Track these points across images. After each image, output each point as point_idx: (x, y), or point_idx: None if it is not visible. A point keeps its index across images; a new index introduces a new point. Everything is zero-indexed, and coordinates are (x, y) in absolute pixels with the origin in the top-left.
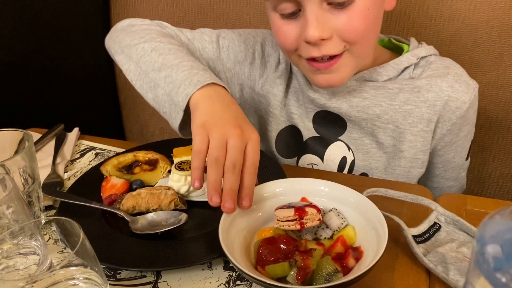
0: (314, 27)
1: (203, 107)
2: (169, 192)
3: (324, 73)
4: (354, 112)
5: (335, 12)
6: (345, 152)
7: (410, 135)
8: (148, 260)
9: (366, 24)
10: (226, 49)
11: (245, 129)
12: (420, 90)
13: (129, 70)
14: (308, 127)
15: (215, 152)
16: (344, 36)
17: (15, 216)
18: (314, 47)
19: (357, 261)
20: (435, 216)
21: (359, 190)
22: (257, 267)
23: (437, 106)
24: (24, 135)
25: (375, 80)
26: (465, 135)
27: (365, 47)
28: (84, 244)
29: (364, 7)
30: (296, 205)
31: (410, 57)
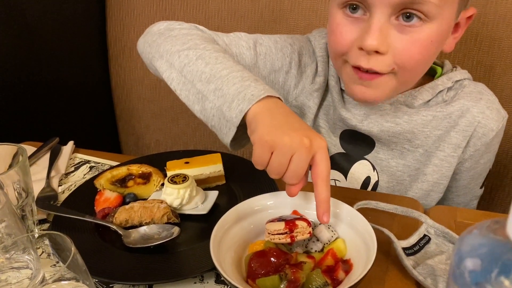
0: (375, 37)
1: (263, 120)
2: (162, 205)
3: (363, 85)
4: (385, 136)
5: (400, 29)
6: (369, 171)
7: (437, 159)
8: (141, 273)
9: (422, 55)
10: (263, 56)
11: (313, 139)
12: (452, 115)
13: (171, 78)
14: (335, 142)
15: (277, 168)
16: (397, 58)
17: (8, 230)
18: (365, 56)
19: (347, 274)
20: (424, 228)
21: (350, 202)
22: (248, 280)
23: (468, 131)
24: (18, 149)
25: (410, 104)
26: (485, 163)
27: (411, 76)
28: (76, 258)
29: (428, 38)
30: (287, 218)
31: (445, 81)
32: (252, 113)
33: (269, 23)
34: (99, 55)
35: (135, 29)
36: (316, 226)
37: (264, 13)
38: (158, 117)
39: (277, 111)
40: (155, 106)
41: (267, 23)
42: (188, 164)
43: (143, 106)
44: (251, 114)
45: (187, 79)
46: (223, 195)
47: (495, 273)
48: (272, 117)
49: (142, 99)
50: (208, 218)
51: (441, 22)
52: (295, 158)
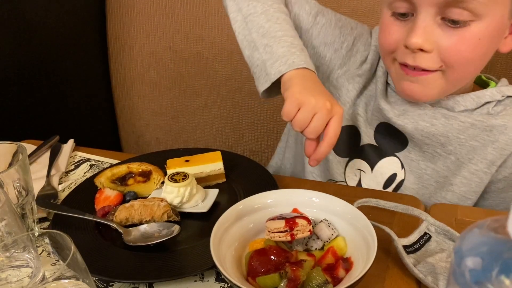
0: (419, 35)
1: (297, 81)
2: (162, 203)
3: (411, 81)
4: (418, 135)
5: (445, 29)
6: (397, 169)
7: (467, 172)
8: (141, 272)
9: (470, 53)
10: (320, 26)
11: (334, 104)
12: (493, 129)
13: (236, 20)
14: (369, 133)
15: (301, 120)
16: (444, 55)
17: (8, 229)
18: (411, 54)
19: (347, 272)
20: (425, 226)
21: (351, 200)
22: (248, 278)
23: (506, 150)
24: (18, 148)
25: (450, 108)
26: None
27: (461, 76)
28: (76, 257)
29: (476, 36)
30: (287, 217)
31: (494, 93)
32: (288, 75)
33: None
34: (99, 53)
35: (135, 27)
36: (316, 224)
37: None
38: (158, 115)
39: (309, 79)
40: (155, 104)
41: None
42: (188, 162)
43: (143, 104)
44: (287, 76)
45: (247, 27)
46: (223, 193)
47: (496, 272)
48: (304, 81)
49: (142, 97)
50: (208, 216)
51: (491, 20)
52: (317, 116)
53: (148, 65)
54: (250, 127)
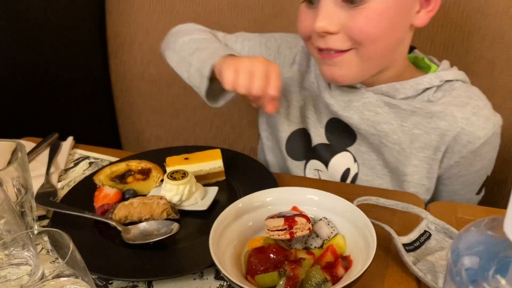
0: (321, 19)
1: (228, 61)
2: (161, 201)
3: (329, 65)
4: (364, 125)
5: (346, 8)
6: (350, 163)
7: (416, 159)
8: (140, 270)
9: (374, 29)
10: (248, 48)
11: (264, 60)
12: (433, 116)
13: (172, 59)
14: (320, 132)
15: (243, 83)
16: (350, 34)
17: (7, 227)
18: (321, 38)
19: (346, 270)
20: (425, 224)
21: (350, 198)
22: (247, 276)
23: (448, 136)
24: (17, 146)
25: (392, 96)
26: (477, 171)
27: (373, 52)
28: (74, 255)
29: (376, 11)
30: (286, 215)
31: (432, 78)
32: (219, 63)
33: (269, 17)
34: (99, 50)
35: (134, 24)
36: (316, 222)
37: (264, 7)
38: (158, 112)
39: (239, 56)
40: (155, 101)
41: (268, 17)
42: (187, 160)
43: (143, 101)
44: (218, 64)
45: (181, 56)
46: (223, 191)
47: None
48: (236, 58)
49: (142, 94)
50: (208, 214)
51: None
52: (255, 68)
53: (148, 62)
54: (250, 125)
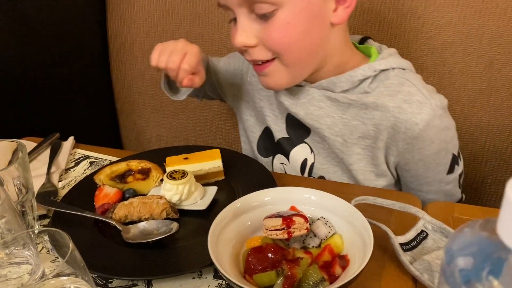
0: (239, 35)
1: (158, 45)
2: (161, 201)
3: (262, 75)
4: (309, 120)
5: (260, 22)
6: (307, 154)
7: (358, 148)
8: (139, 269)
9: (286, 38)
10: (223, 63)
11: (186, 43)
12: (368, 107)
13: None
14: (281, 128)
15: (163, 59)
16: (267, 46)
17: (8, 226)
18: (245, 52)
19: (343, 269)
20: (422, 224)
21: (348, 198)
22: (245, 275)
23: (383, 125)
24: (18, 146)
25: (332, 90)
26: (435, 153)
27: (294, 58)
28: (74, 254)
29: (283, 21)
30: (284, 214)
31: (366, 70)
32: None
33: None
34: (100, 50)
35: (135, 24)
36: (314, 222)
37: None
38: (158, 112)
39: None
40: (155, 101)
41: None
42: (187, 160)
43: (143, 101)
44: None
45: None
46: (222, 190)
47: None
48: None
49: (142, 94)
50: (207, 214)
51: (293, 5)
52: (175, 48)
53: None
54: None
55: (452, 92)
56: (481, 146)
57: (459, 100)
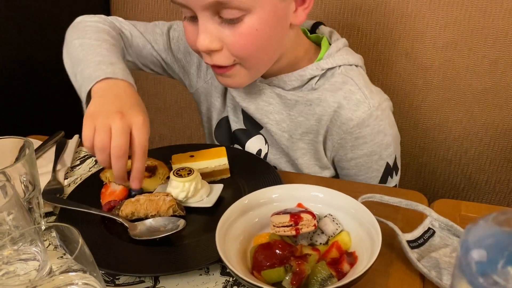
0: (203, 37)
1: (94, 99)
2: (167, 198)
3: (222, 76)
4: (258, 114)
5: (225, 26)
6: (262, 145)
7: (302, 143)
8: (146, 265)
9: (253, 45)
10: (176, 40)
11: (127, 114)
12: (312, 103)
13: (66, 63)
14: (238, 119)
15: (99, 140)
16: (232, 51)
17: (15, 223)
18: (207, 55)
19: (351, 266)
20: (429, 221)
21: (355, 195)
22: (253, 272)
23: (323, 120)
24: (24, 143)
25: (282, 87)
26: (367, 154)
27: (256, 63)
28: (83, 250)
29: (251, 28)
30: (292, 211)
31: (314, 69)
32: (92, 93)
33: None
34: None
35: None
36: (321, 219)
37: None
38: (162, 112)
39: (110, 92)
40: (159, 101)
41: None
42: (193, 158)
43: (147, 101)
44: (92, 94)
45: (70, 64)
46: (228, 188)
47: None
48: (103, 97)
49: (146, 94)
50: (213, 211)
51: (262, 9)
52: (113, 131)
53: None
54: None
55: (456, 91)
56: (486, 145)
57: (463, 99)
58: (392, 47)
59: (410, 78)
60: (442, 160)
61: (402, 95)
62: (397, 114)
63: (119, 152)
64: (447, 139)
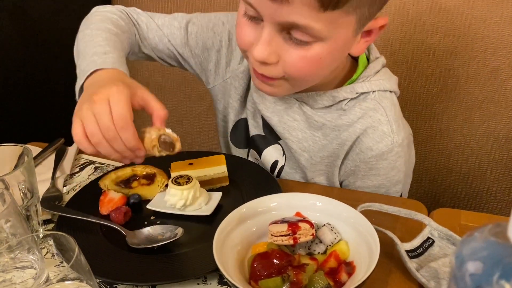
0: (264, 48)
1: (81, 95)
2: (152, 136)
3: (261, 82)
4: (281, 128)
5: (290, 43)
6: (279, 156)
7: (321, 165)
8: (144, 274)
9: (312, 71)
10: (195, 35)
11: (100, 93)
12: (340, 129)
13: (75, 52)
14: (258, 124)
15: (89, 132)
16: (287, 70)
17: (13, 230)
18: (255, 63)
19: (350, 276)
20: (428, 231)
21: (354, 204)
22: (251, 281)
23: (346, 145)
24: (23, 150)
25: (311, 105)
26: (375, 186)
27: (303, 84)
28: (79, 258)
29: (318, 55)
30: (290, 220)
31: (348, 92)
32: (84, 86)
33: None
34: None
35: None
36: (319, 228)
37: None
38: None
39: (98, 83)
40: None
41: None
42: (192, 166)
43: None
44: (85, 87)
45: (76, 56)
46: (227, 196)
47: (496, 277)
48: (89, 88)
49: None
50: (212, 219)
51: (334, 41)
52: (96, 114)
53: (153, 68)
54: None
55: (456, 99)
56: (487, 153)
57: (464, 107)
58: (392, 55)
59: (410, 86)
60: (443, 169)
61: (402, 103)
62: None
63: (109, 133)
64: (448, 147)
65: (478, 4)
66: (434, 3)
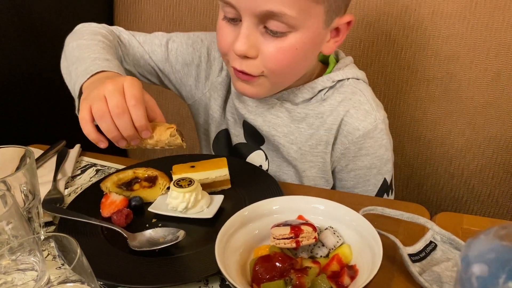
0: (243, 42)
1: (89, 88)
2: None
3: (242, 82)
4: (266, 127)
5: (267, 37)
6: (262, 161)
7: (311, 155)
8: (145, 277)
9: (288, 61)
10: (175, 52)
11: (115, 79)
12: (323, 116)
13: (62, 66)
14: (239, 133)
15: (96, 110)
16: (266, 63)
17: (14, 232)
18: (238, 59)
19: (352, 280)
20: (431, 235)
21: (356, 208)
22: (253, 284)
23: (333, 129)
24: (25, 152)
25: (292, 101)
26: (366, 167)
27: (282, 79)
28: (81, 260)
29: (293, 45)
30: (292, 223)
31: (325, 81)
32: (85, 86)
33: None
34: None
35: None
36: (322, 231)
37: None
38: None
39: (102, 79)
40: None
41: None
42: (194, 168)
43: None
44: (85, 86)
45: (68, 63)
46: (229, 199)
47: (503, 279)
48: (96, 83)
49: None
50: (213, 222)
51: (306, 30)
52: (107, 96)
53: None
54: None
55: (459, 104)
56: (489, 158)
57: (466, 111)
58: (394, 59)
59: (412, 90)
60: (445, 173)
61: (404, 107)
62: (399, 126)
63: (118, 109)
64: (450, 152)
65: (480, 9)
66: (436, 8)
